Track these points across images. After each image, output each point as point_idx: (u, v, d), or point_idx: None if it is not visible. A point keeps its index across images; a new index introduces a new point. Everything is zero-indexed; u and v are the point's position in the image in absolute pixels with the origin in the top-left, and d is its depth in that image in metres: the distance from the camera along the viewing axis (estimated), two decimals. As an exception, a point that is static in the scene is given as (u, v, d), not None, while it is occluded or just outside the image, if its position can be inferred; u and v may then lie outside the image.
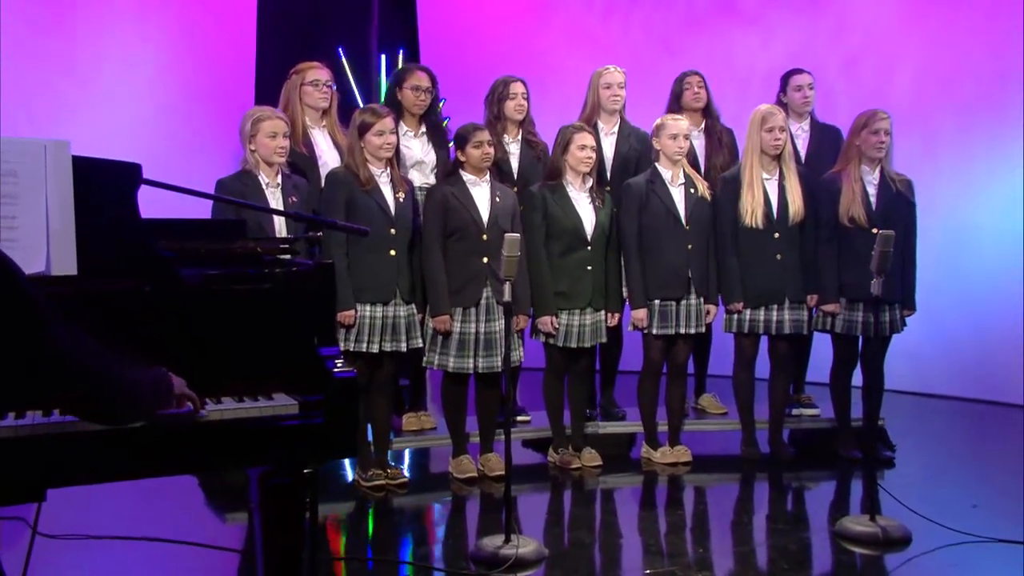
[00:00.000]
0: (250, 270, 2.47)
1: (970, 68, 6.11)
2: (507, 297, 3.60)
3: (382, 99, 5.61)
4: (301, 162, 4.43)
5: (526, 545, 3.53)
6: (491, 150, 4.37)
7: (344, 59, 6.42)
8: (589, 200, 4.56)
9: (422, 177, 4.68)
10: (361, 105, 6.11)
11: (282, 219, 4.04)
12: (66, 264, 2.16)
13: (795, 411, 5.03)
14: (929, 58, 6.27)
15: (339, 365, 2.34)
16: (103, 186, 2.27)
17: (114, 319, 2.21)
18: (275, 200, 4.09)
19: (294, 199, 4.13)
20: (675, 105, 5.00)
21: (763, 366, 4.81)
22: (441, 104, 6.09)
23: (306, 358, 2.35)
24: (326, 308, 2.45)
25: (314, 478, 2.51)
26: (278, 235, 4.04)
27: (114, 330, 2.19)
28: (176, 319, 2.28)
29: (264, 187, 4.07)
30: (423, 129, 4.74)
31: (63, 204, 2.16)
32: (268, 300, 2.37)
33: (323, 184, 4.35)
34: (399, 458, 4.88)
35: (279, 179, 4.11)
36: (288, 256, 2.73)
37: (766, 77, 5.57)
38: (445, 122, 5.80)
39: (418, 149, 4.70)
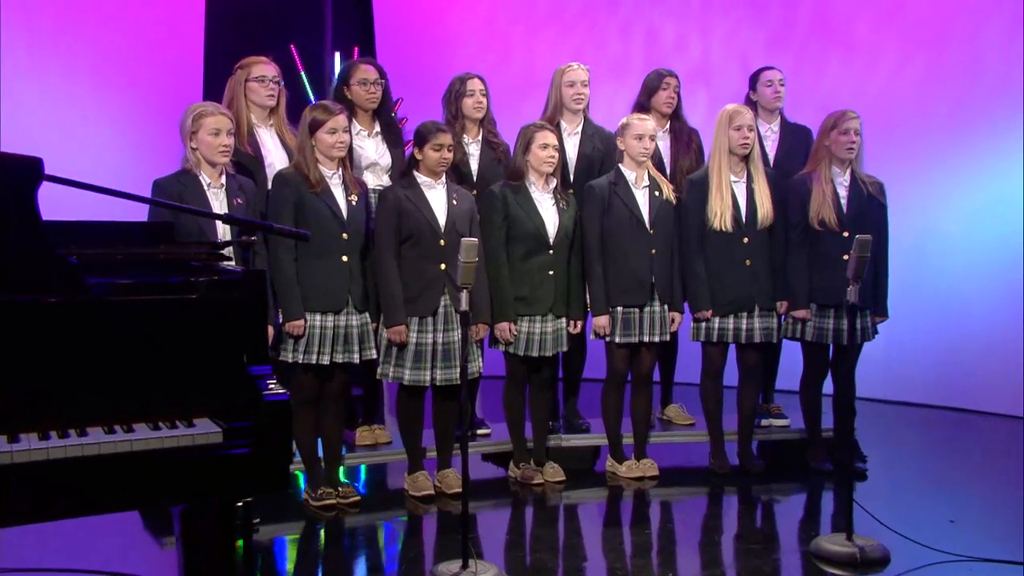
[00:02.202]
0: (171, 278, 2.17)
1: (943, 71, 5.93)
2: (464, 305, 3.32)
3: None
4: (246, 162, 4.10)
5: (485, 571, 3.26)
6: (450, 155, 4.08)
7: (297, 57, 6.09)
8: (552, 202, 4.29)
9: (376, 179, 4.38)
10: (314, 104, 5.80)
11: (227, 230, 3.72)
12: (-51, 273, 1.85)
13: (764, 422, 4.78)
14: (900, 59, 6.08)
15: (271, 386, 2.04)
16: (-5, 183, 1.95)
17: (9, 336, 1.90)
18: (218, 202, 3.77)
19: (239, 201, 3.81)
20: (644, 100, 4.73)
21: (731, 374, 4.56)
22: (398, 103, 5.80)
23: (233, 378, 2.05)
24: (256, 321, 2.14)
25: (247, 506, 2.22)
26: (221, 239, 3.73)
27: (9, 349, 1.88)
28: (81, 335, 1.97)
29: (205, 188, 3.74)
30: (377, 128, 4.44)
31: (-55, 204, 1.85)
32: (189, 312, 2.07)
33: (270, 185, 4.03)
34: (353, 474, 4.57)
35: (223, 179, 3.79)
36: (226, 262, 2.43)
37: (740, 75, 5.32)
38: (403, 122, 5.51)
39: (372, 149, 4.40)
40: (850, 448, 3.66)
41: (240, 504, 2.21)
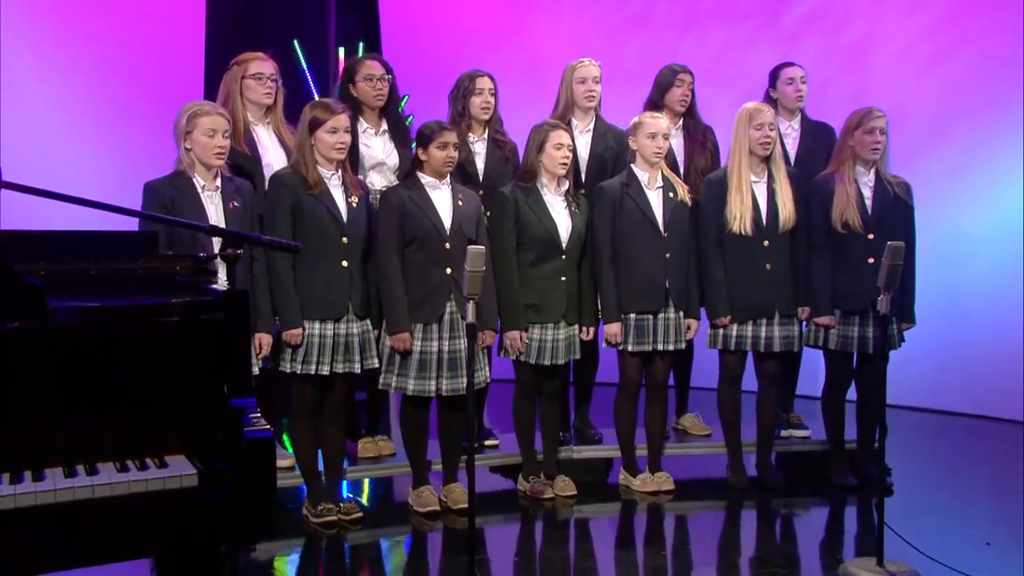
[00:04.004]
0: (147, 299, 1.93)
1: (967, 69, 5.63)
2: (470, 318, 3.08)
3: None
4: (243, 162, 3.88)
5: (492, 599, 3.03)
6: (456, 154, 3.84)
7: (300, 53, 5.84)
8: (565, 205, 4.04)
9: (383, 179, 4.14)
10: (318, 102, 5.56)
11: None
12: None
13: (784, 432, 4.52)
14: (926, 57, 5.80)
15: (254, 421, 1.80)
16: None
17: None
18: (213, 205, 3.54)
19: (235, 204, 3.58)
20: (657, 98, 4.47)
21: (749, 378, 4.30)
22: (404, 100, 5.56)
23: (211, 412, 1.81)
24: (239, 348, 1.90)
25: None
26: (215, 246, 3.51)
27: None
28: (41, 364, 1.73)
29: (200, 191, 3.52)
30: (384, 126, 4.20)
31: None
32: (164, 339, 1.83)
33: (266, 187, 3.80)
34: (356, 488, 4.33)
35: (218, 182, 3.56)
36: (213, 280, 2.19)
37: (754, 75, 5.04)
38: (408, 120, 5.28)
39: (379, 148, 4.16)
40: (880, 464, 3.40)
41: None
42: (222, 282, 2.07)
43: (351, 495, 4.12)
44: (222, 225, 3.52)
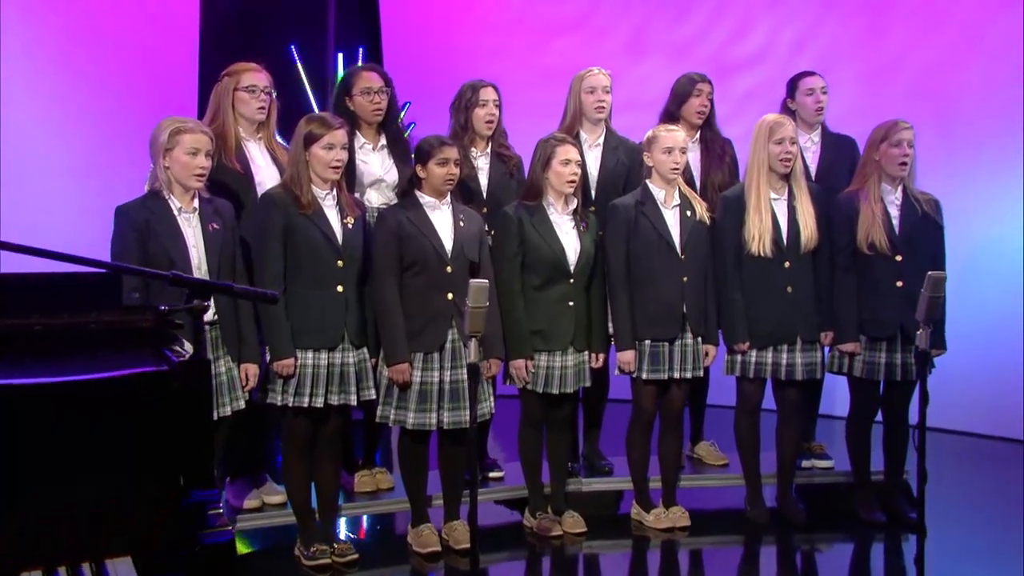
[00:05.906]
0: (88, 374, 1.59)
1: (996, 72, 5.28)
2: (472, 357, 2.76)
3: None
4: (233, 180, 3.56)
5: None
6: (456, 171, 3.51)
7: (297, 59, 5.52)
8: (572, 224, 3.71)
9: (381, 197, 3.81)
10: (316, 110, 5.23)
11: (202, 260, 3.21)
12: None
13: (806, 463, 4.17)
14: (939, 64, 5.45)
15: (214, 520, 1.48)
16: None
17: None
18: (191, 228, 3.23)
19: (215, 226, 3.27)
20: (674, 109, 4.13)
21: (768, 400, 3.95)
22: (405, 108, 5.24)
23: (163, 509, 1.49)
24: (198, 430, 1.58)
25: None
26: (196, 272, 3.21)
27: None
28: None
29: (176, 213, 3.21)
30: (383, 141, 3.87)
31: None
32: (107, 419, 1.51)
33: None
34: (353, 525, 4.01)
35: (195, 203, 3.24)
36: (179, 331, 1.87)
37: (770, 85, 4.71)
38: (409, 129, 4.96)
39: (377, 165, 3.83)
40: (920, 511, 3.05)
41: None
42: (188, 346, 1.74)
43: (348, 534, 3.80)
44: (201, 249, 3.23)
